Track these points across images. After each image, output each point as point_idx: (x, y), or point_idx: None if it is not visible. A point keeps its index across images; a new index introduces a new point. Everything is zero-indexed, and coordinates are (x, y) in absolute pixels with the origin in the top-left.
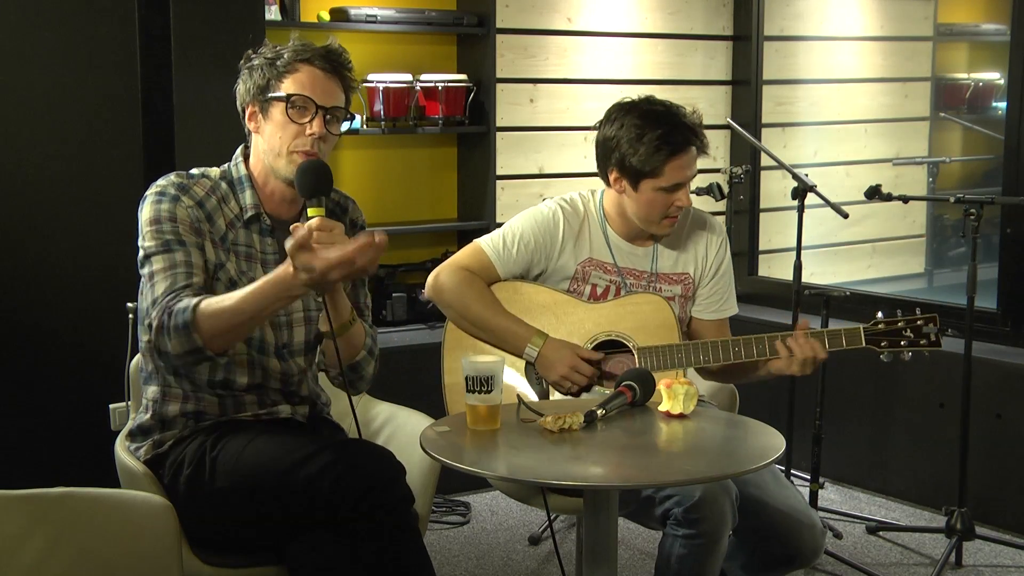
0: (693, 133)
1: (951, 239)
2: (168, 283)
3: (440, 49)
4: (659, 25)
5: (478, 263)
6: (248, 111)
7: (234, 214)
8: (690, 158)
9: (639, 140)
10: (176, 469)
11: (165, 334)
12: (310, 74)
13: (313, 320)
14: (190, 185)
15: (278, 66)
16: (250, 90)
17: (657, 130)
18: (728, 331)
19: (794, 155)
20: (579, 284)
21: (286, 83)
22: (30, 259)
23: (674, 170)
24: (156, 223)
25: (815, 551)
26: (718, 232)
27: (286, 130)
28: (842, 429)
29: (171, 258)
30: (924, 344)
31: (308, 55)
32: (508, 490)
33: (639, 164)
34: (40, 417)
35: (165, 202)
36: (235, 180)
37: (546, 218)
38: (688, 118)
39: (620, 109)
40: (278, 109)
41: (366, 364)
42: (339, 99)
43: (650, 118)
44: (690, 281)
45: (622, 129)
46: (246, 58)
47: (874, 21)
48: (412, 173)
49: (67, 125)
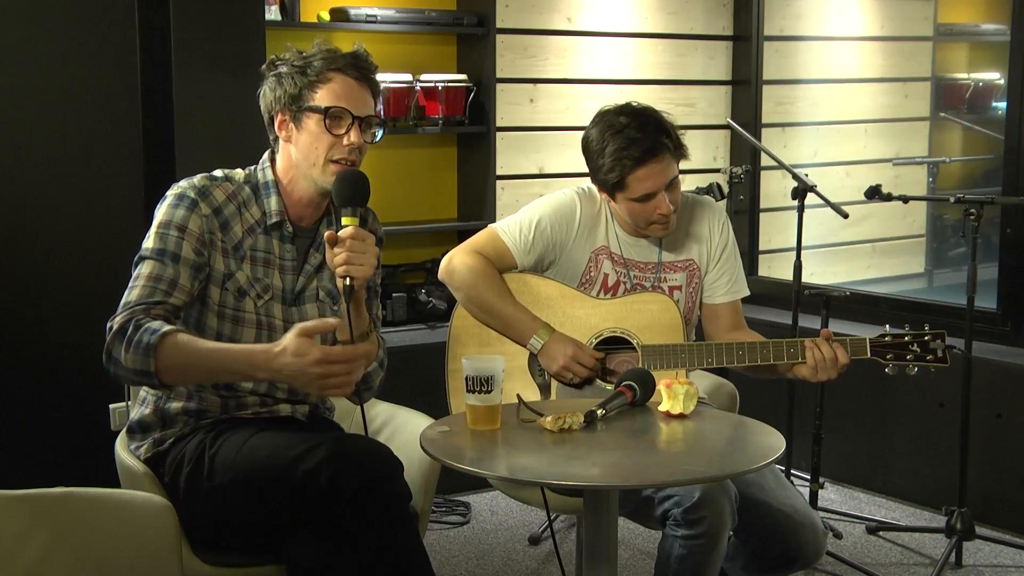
0: (657, 142)
1: (951, 239)
2: (145, 292)
3: (440, 49)
4: (659, 25)
5: (493, 248)
6: (278, 119)
7: (255, 219)
8: (658, 167)
9: (603, 153)
10: (176, 467)
11: (123, 343)
12: (344, 84)
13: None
14: (211, 189)
15: (309, 75)
16: (280, 98)
17: (618, 141)
18: (742, 315)
19: (794, 155)
20: (592, 272)
21: (320, 93)
22: (30, 259)
23: (639, 181)
24: (165, 227)
25: (816, 552)
26: (718, 212)
27: (322, 140)
28: (842, 429)
29: (160, 271)
30: (931, 360)
31: (340, 64)
32: (508, 490)
33: (605, 178)
34: (40, 417)
35: (182, 208)
36: (260, 185)
37: (564, 204)
38: (653, 125)
39: (595, 118)
40: (313, 120)
41: (375, 375)
42: (371, 106)
43: (612, 130)
44: (695, 267)
45: (591, 140)
46: (271, 64)
47: (874, 21)
48: (412, 173)
49: (67, 125)
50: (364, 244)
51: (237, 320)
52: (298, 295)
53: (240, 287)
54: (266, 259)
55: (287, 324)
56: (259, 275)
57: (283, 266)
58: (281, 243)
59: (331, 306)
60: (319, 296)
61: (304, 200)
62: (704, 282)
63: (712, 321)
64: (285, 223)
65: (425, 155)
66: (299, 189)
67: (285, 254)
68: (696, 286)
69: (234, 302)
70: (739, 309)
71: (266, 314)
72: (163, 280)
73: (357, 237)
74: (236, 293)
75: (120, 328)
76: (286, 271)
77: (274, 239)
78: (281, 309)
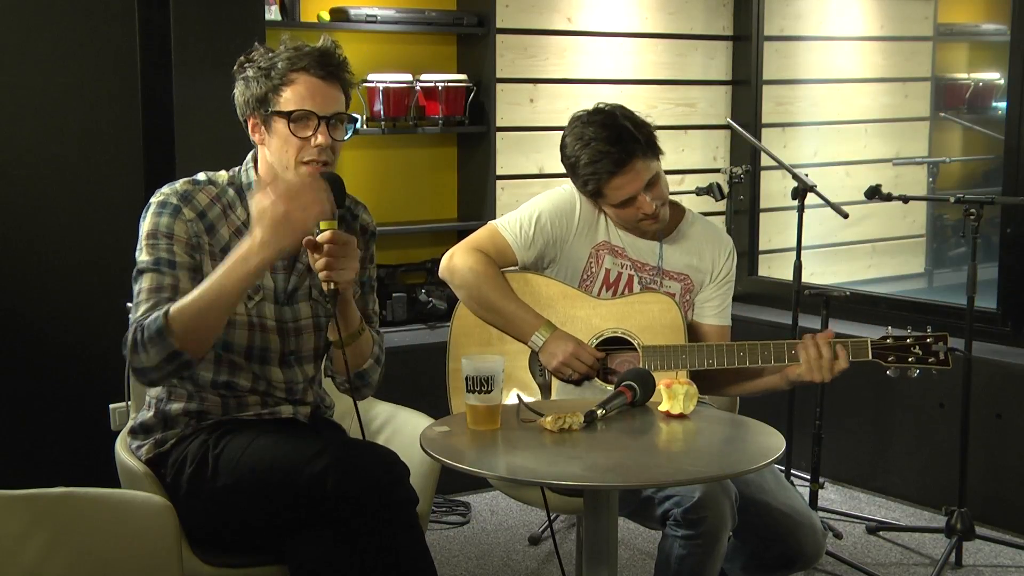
0: (625, 151)
1: (951, 239)
2: (149, 305)
3: (440, 49)
4: (659, 25)
5: (493, 245)
6: (250, 123)
7: (241, 221)
8: (631, 174)
9: (576, 167)
10: (178, 468)
11: (140, 349)
12: (307, 84)
13: (323, 328)
14: (194, 193)
15: (273, 78)
16: (249, 102)
17: (587, 156)
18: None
19: (794, 155)
20: (593, 268)
21: (285, 96)
22: (30, 259)
23: (616, 190)
24: (153, 237)
25: (816, 553)
26: (725, 245)
27: (291, 144)
28: (842, 429)
29: (159, 280)
30: (933, 362)
31: (304, 63)
32: (508, 490)
33: (583, 189)
34: (40, 417)
35: (165, 215)
36: (244, 186)
37: (563, 200)
38: (619, 132)
39: (568, 125)
40: (280, 124)
41: (372, 372)
42: (340, 103)
43: (581, 142)
44: (689, 283)
45: (565, 150)
46: (239, 65)
47: (874, 21)
48: (412, 173)
49: (67, 125)
50: (345, 248)
51: (228, 322)
52: (291, 294)
53: None
54: None
55: (279, 323)
56: None
57: (274, 266)
58: None
59: (324, 303)
60: (312, 294)
61: None
62: (695, 299)
63: (700, 340)
64: None
65: (425, 155)
66: None
67: None
68: (688, 301)
69: None
70: (726, 335)
71: (257, 315)
72: (164, 288)
73: (336, 242)
74: None
75: (132, 341)
76: (277, 271)
77: None
78: (273, 308)
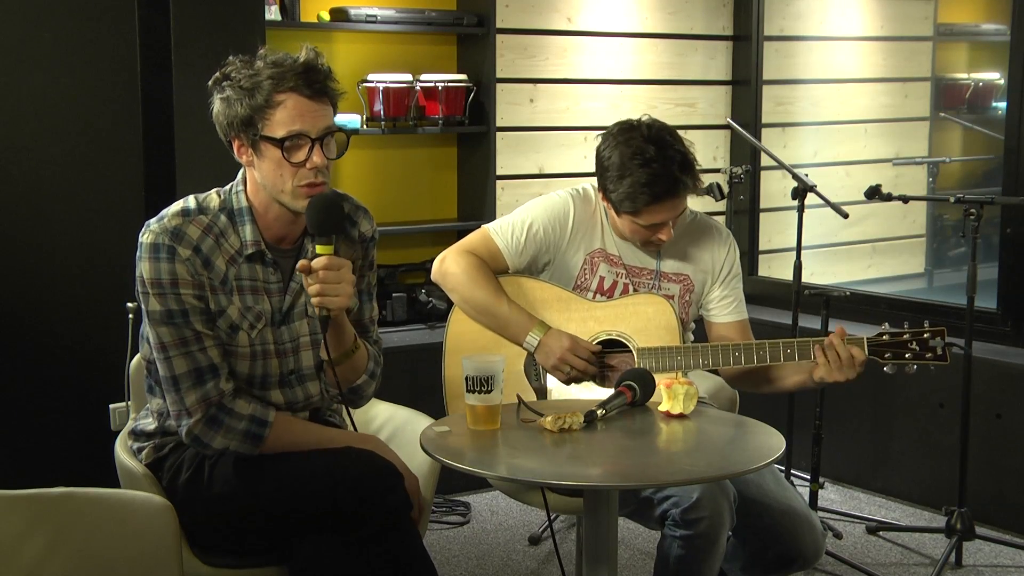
0: (679, 182)
1: (951, 239)
2: (188, 364)
3: (440, 49)
4: (659, 25)
5: (486, 249)
6: (236, 144)
7: (235, 249)
8: (672, 203)
9: (621, 179)
10: (175, 472)
11: (218, 429)
12: (296, 105)
13: (319, 344)
14: (184, 228)
15: (258, 99)
16: (233, 124)
17: (640, 175)
18: (751, 334)
19: (794, 155)
20: (587, 275)
21: (274, 119)
22: (30, 259)
23: (652, 215)
24: (158, 286)
25: (816, 553)
26: (725, 240)
27: (286, 169)
28: (842, 429)
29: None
30: (930, 358)
31: (291, 83)
32: (508, 490)
33: (618, 201)
34: (40, 417)
35: (163, 262)
36: (235, 211)
37: (557, 207)
38: (678, 162)
39: (619, 132)
40: (272, 149)
41: (367, 387)
42: (329, 117)
43: (638, 157)
44: (689, 283)
45: (612, 158)
46: (215, 82)
47: (874, 21)
48: (412, 173)
49: (67, 126)
50: (338, 274)
51: (230, 353)
52: (286, 313)
53: (232, 323)
54: (252, 286)
55: (279, 346)
56: (249, 303)
57: (269, 290)
58: (264, 268)
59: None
60: (308, 312)
61: (281, 220)
62: (706, 301)
63: (721, 340)
64: (263, 253)
65: (425, 155)
66: (273, 211)
67: (270, 278)
68: (687, 301)
69: (226, 337)
70: (747, 330)
71: (260, 342)
72: (189, 342)
73: (330, 267)
74: (228, 329)
75: (209, 418)
76: (272, 294)
77: (256, 265)
78: (272, 332)
